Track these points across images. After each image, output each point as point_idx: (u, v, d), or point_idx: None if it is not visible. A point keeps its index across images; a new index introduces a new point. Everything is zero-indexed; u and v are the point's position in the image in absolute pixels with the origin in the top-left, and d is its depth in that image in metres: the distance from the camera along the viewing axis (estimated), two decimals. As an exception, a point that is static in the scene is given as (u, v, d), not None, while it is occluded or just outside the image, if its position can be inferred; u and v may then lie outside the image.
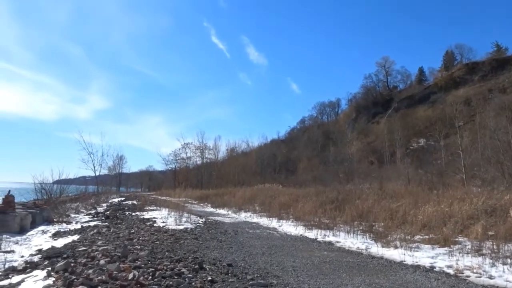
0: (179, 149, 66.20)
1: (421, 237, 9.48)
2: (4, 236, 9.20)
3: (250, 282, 5.37)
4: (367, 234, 10.33)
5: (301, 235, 11.09)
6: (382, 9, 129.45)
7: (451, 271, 6.36)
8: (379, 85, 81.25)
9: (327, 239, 10.17)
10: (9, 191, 11.75)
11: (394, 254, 7.86)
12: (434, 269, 6.58)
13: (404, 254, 7.68)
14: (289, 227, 12.72)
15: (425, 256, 7.54)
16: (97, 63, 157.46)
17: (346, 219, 12.67)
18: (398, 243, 8.69)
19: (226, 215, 19.11)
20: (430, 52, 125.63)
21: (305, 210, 15.29)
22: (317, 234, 10.93)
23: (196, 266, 6.12)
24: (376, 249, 8.42)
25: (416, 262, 7.09)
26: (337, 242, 9.68)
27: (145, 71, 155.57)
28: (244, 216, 18.11)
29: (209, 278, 5.48)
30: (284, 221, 14.54)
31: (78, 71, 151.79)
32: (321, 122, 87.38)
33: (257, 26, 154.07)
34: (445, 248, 8.08)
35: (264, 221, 15.28)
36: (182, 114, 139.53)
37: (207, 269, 6.14)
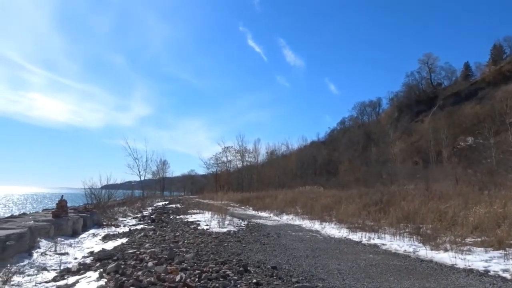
0: (220, 153, 67.29)
1: (473, 239, 9.04)
2: (58, 239, 9.69)
3: (296, 285, 5.34)
4: (414, 237, 9.98)
5: (345, 237, 10.91)
6: (421, 3, 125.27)
7: (507, 275, 6.03)
8: (422, 82, 78.71)
9: (372, 241, 9.94)
10: (62, 196, 12.36)
11: (444, 257, 7.55)
12: (489, 273, 6.26)
13: (455, 257, 7.35)
14: (332, 230, 12.54)
15: (478, 259, 7.19)
16: (138, 71, 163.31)
17: (391, 221, 12.30)
18: (448, 245, 8.34)
19: (267, 217, 19.13)
20: (476, 46, 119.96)
21: (348, 212, 15.03)
22: (361, 236, 10.72)
23: (241, 269, 6.16)
24: (425, 252, 8.13)
25: (469, 266, 6.77)
26: (383, 244, 9.44)
27: (183, 77, 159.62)
28: (286, 218, 18.05)
29: (254, 280, 5.50)
30: (327, 223, 14.36)
31: (121, 79, 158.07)
32: (362, 122, 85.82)
33: (293, 28, 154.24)
34: (500, 251, 7.66)
35: (306, 223, 15.16)
36: (221, 118, 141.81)
37: (252, 271, 6.17)
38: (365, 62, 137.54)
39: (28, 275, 6.41)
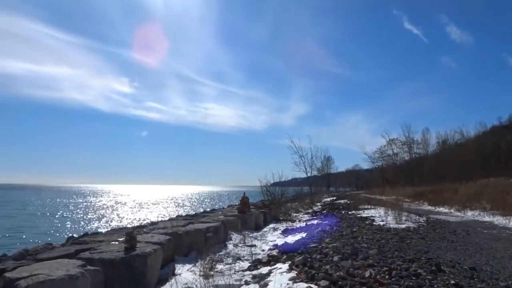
0: (385, 145, 64.31)
1: None
2: (245, 232, 10.68)
3: (506, 290, 4.67)
4: None
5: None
6: None
7: None
8: None
9: None
10: (244, 193, 13.56)
11: None
12: None
13: None
14: (538, 228, 10.64)
15: None
16: (295, 71, 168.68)
17: None
18: None
19: (448, 213, 17.45)
20: None
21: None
22: None
23: (433, 268, 5.69)
24: None
25: None
26: None
27: (338, 72, 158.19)
28: (471, 214, 16.17)
29: (452, 281, 5.01)
30: (528, 220, 12.28)
31: (280, 81, 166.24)
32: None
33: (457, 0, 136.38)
34: None
35: (499, 220, 13.29)
36: (382, 110, 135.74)
37: (446, 271, 5.65)
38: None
39: (227, 264, 7.22)
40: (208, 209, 19.47)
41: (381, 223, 12.33)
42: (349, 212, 17.36)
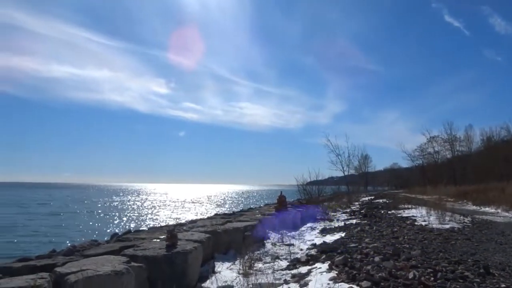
0: (425, 143, 62.19)
1: None
2: (283, 231, 10.65)
3: None
4: None
5: None
6: None
7: None
8: None
9: None
10: (281, 192, 13.53)
11: None
12: None
13: None
14: None
15: None
16: (329, 69, 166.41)
17: None
18: None
19: (494, 213, 16.69)
20: None
21: None
22: None
23: (481, 270, 5.45)
24: None
25: None
26: None
27: (375, 69, 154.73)
28: (520, 214, 15.37)
29: (503, 285, 4.78)
30: None
31: (314, 79, 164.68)
32: None
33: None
34: None
35: (554, 221, 12.56)
36: (421, 107, 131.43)
37: (496, 274, 5.39)
38: None
39: (265, 263, 7.23)
40: (244, 208, 19.58)
41: (423, 223, 11.95)
42: (389, 212, 16.95)
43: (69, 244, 8.67)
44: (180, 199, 67.22)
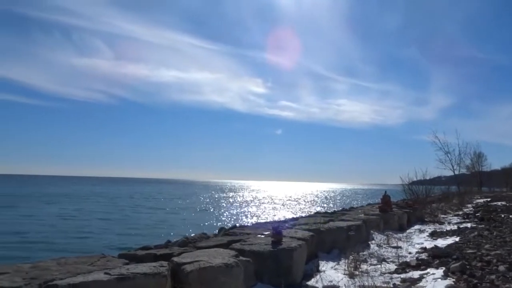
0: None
1: None
2: (388, 232, 10.16)
3: None
4: None
5: None
6: None
7: None
8: None
9: None
10: (386, 191, 12.89)
11: None
12: None
13: None
14: None
15: None
16: (432, 60, 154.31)
17: None
18: None
19: None
20: None
21: None
22: None
23: None
24: None
25: None
26: None
27: (488, 57, 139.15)
28: None
29: None
30: None
31: (416, 72, 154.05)
32: None
33: None
34: None
35: None
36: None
37: None
38: None
39: (371, 264, 6.96)
40: (345, 207, 19.14)
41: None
42: (510, 216, 15.13)
43: (182, 236, 9.40)
44: (278, 196, 68.41)
